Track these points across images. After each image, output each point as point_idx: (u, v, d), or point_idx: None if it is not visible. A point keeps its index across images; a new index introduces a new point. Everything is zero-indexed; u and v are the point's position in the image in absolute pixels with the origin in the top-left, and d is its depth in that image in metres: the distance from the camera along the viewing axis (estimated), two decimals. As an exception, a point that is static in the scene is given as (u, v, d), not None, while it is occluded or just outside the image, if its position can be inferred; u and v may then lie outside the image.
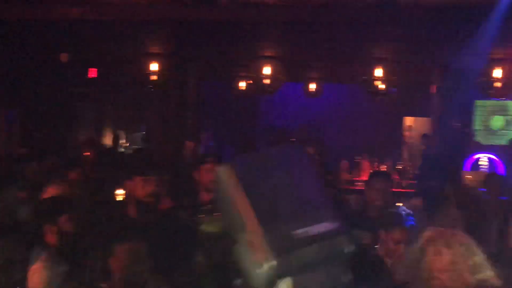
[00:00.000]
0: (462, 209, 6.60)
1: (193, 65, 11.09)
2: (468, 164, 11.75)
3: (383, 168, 11.20)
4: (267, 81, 9.89)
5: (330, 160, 10.88)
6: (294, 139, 13.23)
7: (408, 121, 13.90)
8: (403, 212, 3.95)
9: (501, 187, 7.40)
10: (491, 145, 13.72)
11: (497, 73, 9.33)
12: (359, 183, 10.22)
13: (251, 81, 10.73)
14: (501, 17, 7.35)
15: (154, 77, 9.94)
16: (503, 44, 8.51)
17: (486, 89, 9.76)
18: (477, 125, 14.97)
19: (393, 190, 8.68)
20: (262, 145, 13.36)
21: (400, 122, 13.87)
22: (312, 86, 11.93)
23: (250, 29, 8.41)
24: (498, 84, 9.40)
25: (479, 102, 14.63)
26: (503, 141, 14.58)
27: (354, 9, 8.08)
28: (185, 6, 7.72)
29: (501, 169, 11.54)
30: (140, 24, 8.68)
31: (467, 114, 13.70)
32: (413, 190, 9.35)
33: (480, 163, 11.88)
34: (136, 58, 10.09)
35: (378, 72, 9.40)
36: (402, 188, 10.21)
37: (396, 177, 10.74)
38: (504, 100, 13.70)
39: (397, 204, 6.16)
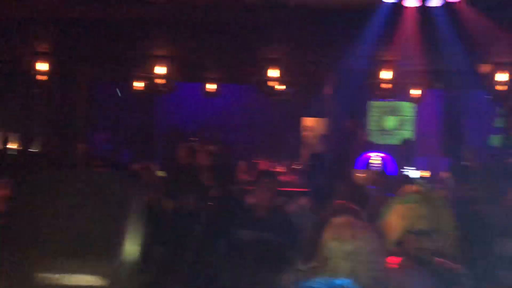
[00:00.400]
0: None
1: (84, 65, 10.75)
2: (361, 162, 12.13)
3: (281, 168, 11.35)
4: (161, 81, 9.74)
5: (230, 161, 10.89)
6: (195, 140, 13.15)
7: (307, 121, 14.17)
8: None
9: (390, 184, 7.66)
10: (385, 145, 14.27)
11: (385, 74, 9.67)
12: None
13: (147, 81, 10.53)
14: (385, 20, 7.63)
15: (42, 77, 9.52)
16: (391, 46, 8.84)
17: (376, 90, 10.10)
18: (372, 125, 15.52)
19: (290, 189, 8.83)
20: (161, 147, 13.18)
21: (298, 123, 14.12)
22: (210, 87, 11.88)
23: (141, 28, 8.26)
24: (387, 85, 9.75)
25: (373, 103, 15.18)
26: (396, 141, 15.21)
27: (248, 10, 8.12)
28: (72, 3, 7.46)
29: (393, 167, 12.00)
30: (26, 21, 8.31)
31: (361, 115, 14.16)
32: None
33: (372, 161, 12.30)
34: (23, 57, 9.64)
35: (272, 72, 9.50)
36: (298, 188, 10.36)
37: (293, 177, 10.90)
38: (395, 101, 14.29)
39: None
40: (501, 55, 8.86)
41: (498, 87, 9.16)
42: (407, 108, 15.39)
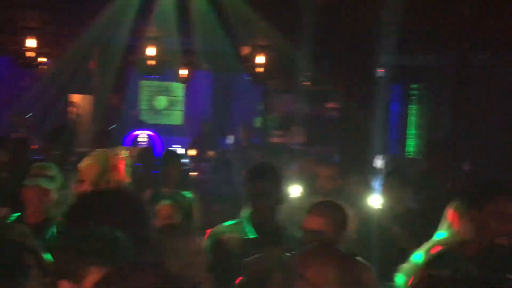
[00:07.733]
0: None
1: None
2: (128, 140, 12.07)
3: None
4: None
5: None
6: None
7: (74, 98, 13.54)
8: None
9: (154, 161, 7.65)
10: (156, 124, 14.36)
11: (150, 51, 9.59)
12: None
13: None
14: None
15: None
16: (156, 23, 8.79)
17: (141, 67, 9.99)
18: (143, 104, 15.48)
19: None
20: None
21: (65, 99, 13.41)
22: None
23: None
24: (152, 62, 9.68)
25: (144, 83, 15.11)
26: (166, 121, 15.37)
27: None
28: None
29: (159, 145, 12.11)
30: None
31: (133, 94, 14.01)
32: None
33: (139, 139, 12.30)
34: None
35: (30, 42, 8.82)
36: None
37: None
38: (166, 81, 14.39)
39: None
40: (258, 38, 9.34)
41: (257, 69, 9.62)
42: (178, 89, 15.60)
